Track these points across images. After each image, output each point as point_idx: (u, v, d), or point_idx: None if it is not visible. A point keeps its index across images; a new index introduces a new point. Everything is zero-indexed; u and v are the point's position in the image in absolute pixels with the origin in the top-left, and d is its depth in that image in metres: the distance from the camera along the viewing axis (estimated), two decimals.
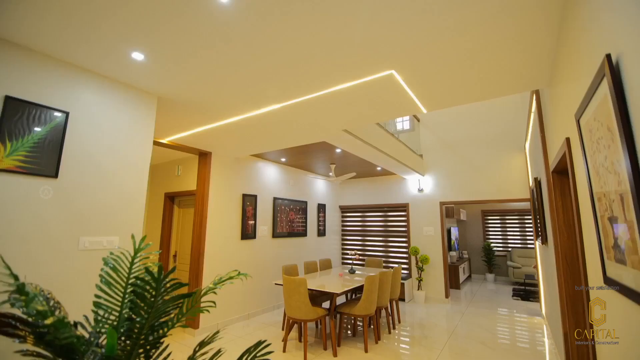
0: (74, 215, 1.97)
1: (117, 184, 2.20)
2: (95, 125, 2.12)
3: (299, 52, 1.86)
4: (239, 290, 4.49)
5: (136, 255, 1.10)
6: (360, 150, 4.15)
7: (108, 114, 2.20)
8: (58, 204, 1.91)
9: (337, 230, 7.08)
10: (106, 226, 2.12)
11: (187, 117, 2.94)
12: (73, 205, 1.97)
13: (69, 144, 1.98)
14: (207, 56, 1.92)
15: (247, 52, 1.87)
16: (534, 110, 3.36)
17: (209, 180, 4.20)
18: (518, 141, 5.33)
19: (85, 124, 2.07)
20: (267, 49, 1.84)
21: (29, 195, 1.80)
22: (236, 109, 2.73)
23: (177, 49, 1.86)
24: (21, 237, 1.74)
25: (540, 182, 3.38)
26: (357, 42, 1.75)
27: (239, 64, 2.00)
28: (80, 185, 2.01)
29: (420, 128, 6.36)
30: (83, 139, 2.05)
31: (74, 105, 2.02)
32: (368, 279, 3.47)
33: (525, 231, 7.94)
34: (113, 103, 2.23)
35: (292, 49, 1.83)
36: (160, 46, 1.83)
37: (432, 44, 1.78)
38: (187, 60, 1.97)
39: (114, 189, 2.18)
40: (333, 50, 1.84)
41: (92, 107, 2.11)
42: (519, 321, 4.62)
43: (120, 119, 2.26)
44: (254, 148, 4.09)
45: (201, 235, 4.05)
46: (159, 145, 3.74)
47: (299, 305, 3.25)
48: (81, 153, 2.03)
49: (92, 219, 2.06)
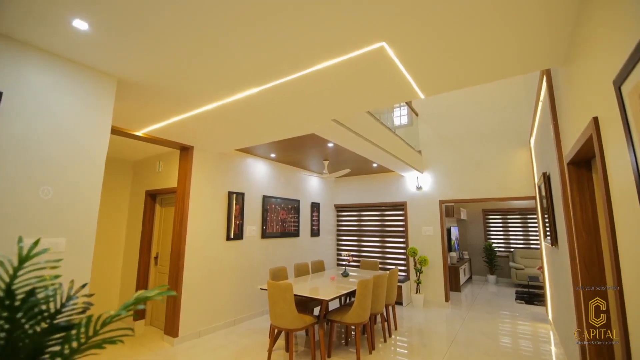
0: (8, 214, 1.66)
1: (64, 177, 1.90)
2: (37, 108, 1.81)
3: (275, 19, 1.55)
4: (225, 294, 4.19)
5: (21, 266, 0.79)
6: (353, 144, 3.85)
7: (55, 96, 1.89)
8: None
9: (332, 230, 6.78)
10: (50, 226, 1.81)
11: (159, 105, 2.64)
12: (7, 201, 1.66)
13: (1, 128, 1.67)
14: (164, 27, 1.62)
15: (215, 23, 1.57)
16: (542, 98, 3.06)
17: (191, 176, 3.89)
18: (522, 136, 5.03)
19: (25, 107, 1.76)
20: (239, 19, 1.54)
21: None
22: (210, 95, 2.42)
23: (126, 17, 1.55)
24: None
25: (549, 177, 3.08)
26: (342, 5, 1.45)
27: (207, 38, 1.69)
28: (15, 178, 1.70)
29: (419, 123, 6.06)
30: (20, 124, 1.74)
31: (10, 84, 1.72)
32: (361, 283, 3.17)
33: (528, 231, 7.64)
34: (61, 84, 1.92)
35: (261, 7, 1.52)
36: (105, 13, 1.53)
37: (427, 9, 1.47)
38: (142, 32, 1.67)
39: (60, 182, 1.88)
40: (313, 16, 1.53)
41: (34, 88, 1.81)
42: (524, 327, 4.32)
43: (71, 103, 1.96)
44: (238, 142, 3.78)
45: (181, 235, 3.75)
46: (135, 138, 3.43)
47: (284, 313, 2.95)
48: (16, 140, 1.72)
49: (33, 218, 1.75)
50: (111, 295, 4.50)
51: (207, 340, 3.75)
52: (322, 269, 4.95)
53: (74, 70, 1.97)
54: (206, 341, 3.71)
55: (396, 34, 1.66)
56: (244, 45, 1.78)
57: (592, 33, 1.36)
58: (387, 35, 1.68)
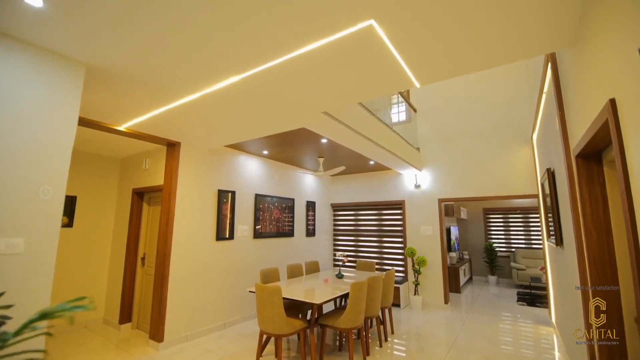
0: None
1: (23, 172, 1.73)
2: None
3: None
4: (214, 296, 4.02)
5: None
6: (347, 139, 3.68)
7: (12, 83, 1.72)
8: None
9: (328, 230, 6.60)
10: (6, 225, 1.64)
11: (137, 96, 2.47)
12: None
13: None
14: (130, 6, 1.44)
15: (188, 2, 1.40)
16: (546, 89, 2.88)
17: (177, 174, 3.72)
18: (524, 132, 4.85)
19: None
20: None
21: None
22: (189, 84, 2.25)
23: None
24: None
25: (554, 173, 2.90)
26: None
27: (180, 20, 1.52)
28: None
29: (417, 119, 5.88)
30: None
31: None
32: (354, 286, 3.00)
33: (530, 230, 7.46)
34: (19, 70, 1.75)
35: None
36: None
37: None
38: (105, 12, 1.49)
39: (18, 178, 1.71)
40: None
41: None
42: (526, 331, 4.14)
43: (31, 91, 1.78)
44: (227, 137, 3.61)
45: (167, 235, 3.58)
46: (117, 133, 3.26)
47: (272, 317, 2.78)
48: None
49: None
50: (97, 298, 4.33)
51: (194, 345, 3.58)
52: (317, 270, 4.77)
53: (34, 55, 1.80)
54: (193, 346, 3.54)
55: (385, 9, 1.49)
56: (221, 28, 1.61)
57: (611, 2, 1.19)
58: (376, 11, 1.50)
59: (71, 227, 4.16)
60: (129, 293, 4.15)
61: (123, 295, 4.11)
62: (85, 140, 3.79)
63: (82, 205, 4.27)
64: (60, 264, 4.01)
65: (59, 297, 4.05)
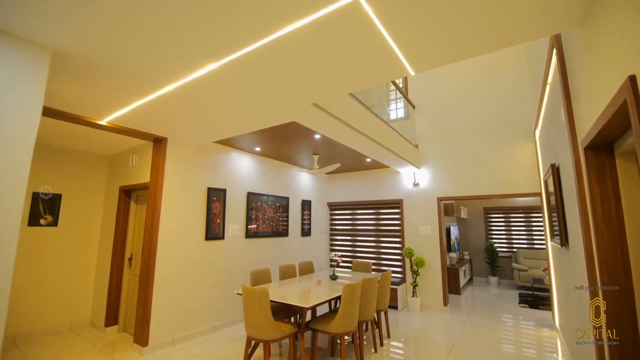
0: None
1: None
2: None
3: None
4: (203, 298, 3.87)
5: None
6: (341, 134, 3.51)
7: None
8: None
9: (324, 230, 6.44)
10: None
11: (113, 87, 2.31)
12: None
13: None
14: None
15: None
16: (550, 80, 2.71)
17: (164, 170, 3.57)
18: (526, 128, 4.68)
19: None
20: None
21: None
22: (166, 73, 2.09)
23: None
24: None
25: (558, 169, 2.73)
26: None
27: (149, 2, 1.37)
28: None
29: (416, 116, 5.71)
30: None
31: None
32: (347, 288, 2.84)
33: (532, 230, 7.28)
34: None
35: None
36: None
37: None
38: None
39: None
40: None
41: None
42: (529, 334, 3.97)
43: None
44: (214, 132, 3.45)
45: (153, 234, 3.42)
46: (99, 128, 3.10)
47: (258, 321, 2.62)
48: None
49: None
50: (83, 299, 4.18)
51: (181, 349, 3.42)
52: (311, 270, 4.61)
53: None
54: (180, 350, 3.39)
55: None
56: (194, 9, 1.45)
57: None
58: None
59: (56, 226, 4.02)
60: (116, 295, 4.00)
61: (109, 297, 3.96)
62: (68, 136, 3.64)
63: (67, 203, 4.12)
64: (44, 263, 3.87)
65: (44, 298, 3.91)
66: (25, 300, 3.68)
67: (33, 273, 3.78)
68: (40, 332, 3.76)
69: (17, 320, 3.57)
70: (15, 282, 3.41)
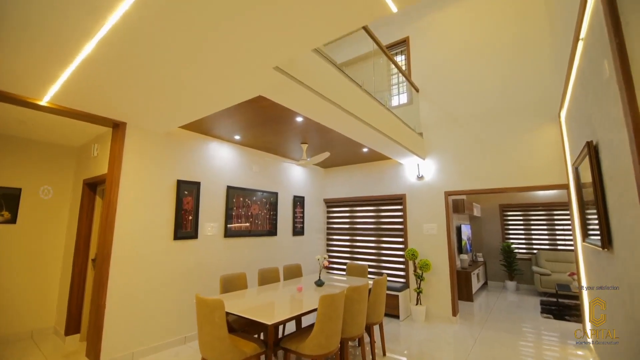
0: None
1: None
2: None
3: None
4: (172, 306, 3.40)
5: None
6: (326, 116, 2.97)
7: None
8: None
9: (321, 229, 5.89)
10: None
11: (30, 50, 1.85)
12: None
13: None
14: None
15: None
16: (584, 34, 2.07)
17: (121, 159, 3.12)
18: (547, 109, 3.99)
19: None
20: None
21: None
22: (76, 27, 1.61)
23: None
24: None
25: (597, 147, 2.10)
26: None
27: None
28: None
29: (420, 100, 5.08)
30: None
31: None
32: (324, 300, 2.29)
33: (554, 229, 6.50)
34: None
35: None
36: None
37: None
38: None
39: None
40: None
41: None
42: (553, 351, 3.30)
43: None
44: (176, 114, 2.95)
45: (107, 232, 2.97)
46: (40, 109, 2.67)
47: (211, 340, 2.11)
48: None
49: None
50: (47, 305, 3.79)
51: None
52: (299, 274, 4.08)
53: None
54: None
55: None
56: None
57: None
58: None
59: (14, 223, 3.64)
60: (77, 300, 3.58)
61: (70, 302, 3.55)
62: (17, 121, 3.24)
63: (28, 199, 3.74)
64: (0, 264, 3.50)
65: (2, 303, 3.55)
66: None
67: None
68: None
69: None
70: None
